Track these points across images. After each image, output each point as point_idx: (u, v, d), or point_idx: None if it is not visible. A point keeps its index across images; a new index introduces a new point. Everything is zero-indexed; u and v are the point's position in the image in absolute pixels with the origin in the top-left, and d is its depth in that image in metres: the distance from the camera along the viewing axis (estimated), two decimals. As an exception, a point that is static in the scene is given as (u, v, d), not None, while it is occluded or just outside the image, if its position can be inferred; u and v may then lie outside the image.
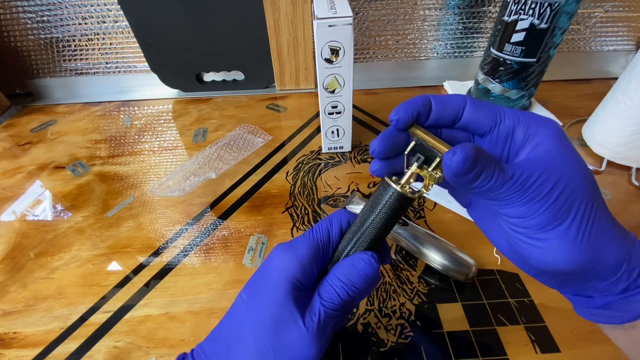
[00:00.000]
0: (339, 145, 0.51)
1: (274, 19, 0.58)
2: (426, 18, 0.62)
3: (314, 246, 0.21)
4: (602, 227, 0.17)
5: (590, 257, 0.17)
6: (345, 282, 0.20)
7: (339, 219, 0.23)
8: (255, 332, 0.20)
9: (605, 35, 0.64)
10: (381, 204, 0.20)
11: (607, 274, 0.17)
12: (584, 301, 0.19)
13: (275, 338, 0.19)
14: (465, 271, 0.33)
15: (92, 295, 0.35)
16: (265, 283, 0.21)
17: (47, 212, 0.45)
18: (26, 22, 0.62)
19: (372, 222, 0.21)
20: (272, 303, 0.20)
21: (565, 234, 0.16)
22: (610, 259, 0.17)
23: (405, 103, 0.20)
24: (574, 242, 0.16)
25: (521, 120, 0.18)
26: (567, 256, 0.17)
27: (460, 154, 0.16)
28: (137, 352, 0.31)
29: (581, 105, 0.58)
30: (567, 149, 0.17)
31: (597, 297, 0.19)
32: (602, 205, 0.17)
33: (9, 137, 0.59)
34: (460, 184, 0.17)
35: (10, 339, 0.32)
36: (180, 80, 0.68)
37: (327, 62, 0.41)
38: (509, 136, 0.19)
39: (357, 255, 0.21)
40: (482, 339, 0.30)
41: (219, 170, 0.49)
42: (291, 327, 0.19)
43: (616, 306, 0.18)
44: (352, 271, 0.21)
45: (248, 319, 0.20)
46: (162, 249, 0.39)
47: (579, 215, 0.16)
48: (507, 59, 0.49)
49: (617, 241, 0.17)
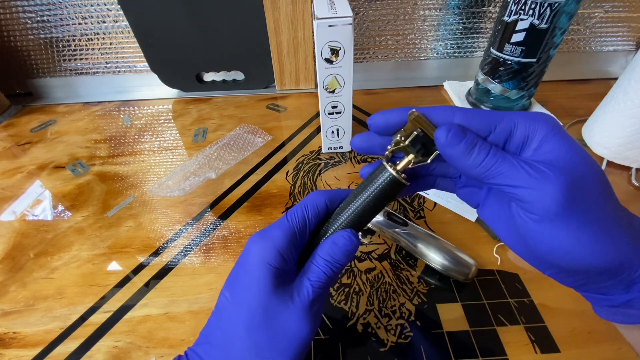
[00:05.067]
0: (339, 145, 0.51)
1: (274, 19, 0.58)
2: (426, 18, 0.62)
3: (289, 231, 0.22)
4: (620, 222, 0.16)
5: (611, 252, 0.16)
6: (329, 260, 0.21)
7: (314, 201, 0.23)
8: (247, 328, 0.20)
9: (605, 35, 0.64)
10: (374, 186, 0.21)
11: (625, 268, 0.16)
12: (603, 299, 0.19)
13: (269, 327, 0.20)
14: (465, 271, 0.33)
15: (92, 295, 0.35)
16: (246, 276, 0.21)
17: (47, 212, 0.45)
18: (26, 22, 0.62)
19: (362, 202, 0.21)
20: (257, 295, 0.20)
21: (583, 225, 0.16)
22: (631, 255, 0.16)
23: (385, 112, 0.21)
24: (593, 235, 0.16)
25: (517, 122, 0.18)
26: (584, 249, 0.16)
27: (443, 127, 0.18)
28: (137, 352, 0.31)
29: (581, 105, 0.58)
30: (572, 143, 0.17)
31: (617, 294, 0.18)
32: (617, 200, 0.17)
33: (9, 137, 0.59)
34: (456, 159, 0.18)
35: (10, 339, 0.32)
36: (180, 80, 0.68)
37: (327, 62, 0.41)
38: (507, 140, 0.18)
39: (338, 234, 0.22)
40: (482, 339, 0.30)
41: (219, 170, 0.49)
42: (282, 312, 0.20)
43: (637, 304, 0.17)
44: (334, 249, 0.21)
45: (237, 318, 0.20)
46: (162, 248, 0.39)
47: (597, 207, 0.16)
48: (507, 59, 0.49)
49: (636, 236, 0.16)
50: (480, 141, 0.18)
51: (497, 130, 0.18)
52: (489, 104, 0.56)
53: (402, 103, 0.62)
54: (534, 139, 0.17)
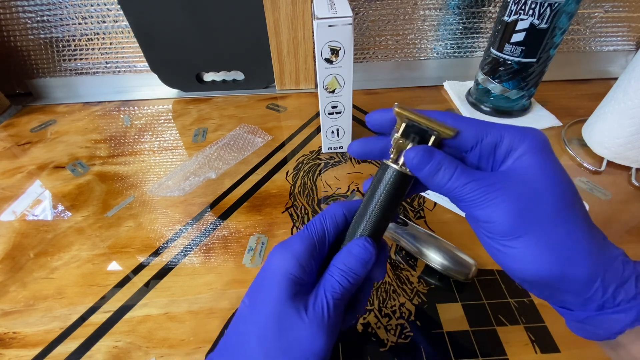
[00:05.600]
0: (339, 145, 0.51)
1: (274, 19, 0.58)
2: (426, 18, 0.62)
3: (309, 242, 0.21)
4: (574, 239, 0.17)
5: (558, 270, 0.17)
6: (344, 269, 0.21)
7: (332, 212, 0.23)
8: (258, 334, 0.20)
9: (605, 35, 0.64)
10: (382, 187, 0.21)
11: (579, 288, 0.17)
12: (567, 314, 0.19)
13: (281, 335, 0.19)
14: (465, 271, 0.33)
15: (92, 295, 0.35)
16: (264, 284, 0.21)
17: (47, 212, 0.45)
18: (26, 22, 0.62)
19: (374, 207, 0.21)
20: (273, 303, 0.20)
21: (530, 243, 0.17)
22: (581, 274, 0.17)
23: (381, 110, 0.21)
24: (539, 253, 0.17)
25: (504, 135, 0.18)
26: (532, 267, 0.17)
27: (411, 151, 0.19)
28: (136, 352, 0.31)
29: (581, 105, 0.58)
30: (545, 159, 0.18)
31: (576, 311, 0.18)
32: (579, 217, 0.17)
33: (9, 137, 0.59)
34: (424, 179, 0.19)
35: (10, 339, 0.32)
36: (180, 80, 0.68)
37: (327, 62, 0.41)
38: (492, 152, 0.19)
39: (353, 242, 0.21)
40: (482, 339, 0.30)
41: (219, 170, 0.49)
42: (295, 321, 0.19)
43: (594, 322, 0.18)
44: (349, 258, 0.21)
45: (251, 323, 0.20)
46: (162, 248, 0.39)
47: (546, 226, 0.17)
48: (507, 59, 0.49)
49: (591, 255, 0.17)
50: (445, 164, 0.19)
51: (486, 141, 0.19)
52: (489, 104, 0.56)
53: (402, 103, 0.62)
54: (515, 151, 0.18)
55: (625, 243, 0.37)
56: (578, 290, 0.17)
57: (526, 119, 0.55)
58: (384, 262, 0.24)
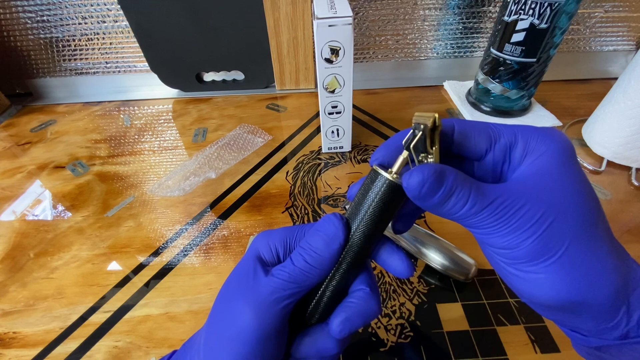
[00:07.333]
0: (339, 145, 0.51)
1: (274, 18, 0.58)
2: (426, 18, 0.62)
3: (287, 229, 0.21)
4: (600, 262, 0.15)
5: (582, 296, 0.15)
6: (304, 246, 0.18)
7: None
8: (216, 303, 0.20)
9: (605, 35, 0.64)
10: (370, 198, 0.18)
11: (600, 314, 0.15)
12: (580, 339, 0.18)
13: (227, 309, 0.18)
14: (465, 271, 0.33)
15: (92, 295, 0.35)
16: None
17: (47, 212, 0.45)
18: (26, 22, 0.62)
19: (361, 219, 0.18)
20: (238, 267, 0.20)
21: (554, 269, 0.15)
22: (606, 299, 0.15)
23: (383, 145, 0.19)
24: (562, 278, 0.15)
25: (518, 137, 0.16)
26: (553, 292, 0.15)
27: (417, 176, 0.15)
28: (137, 352, 0.31)
29: (581, 105, 0.58)
30: (567, 169, 0.15)
31: (592, 338, 0.17)
32: (604, 237, 0.15)
33: (9, 137, 0.59)
34: (428, 208, 0.16)
35: (10, 339, 0.32)
36: (180, 80, 0.68)
37: (327, 62, 0.41)
38: (506, 156, 0.17)
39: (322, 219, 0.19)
40: (482, 339, 0.30)
41: (219, 170, 0.49)
42: (236, 290, 0.19)
43: (613, 351, 0.16)
44: (311, 234, 0.19)
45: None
46: (162, 248, 0.39)
47: (571, 249, 0.15)
48: (507, 59, 0.49)
49: (617, 279, 0.15)
50: (458, 187, 0.15)
51: (497, 148, 0.17)
52: (489, 104, 0.56)
53: (402, 103, 0.62)
54: (530, 158, 0.16)
55: (626, 243, 0.37)
56: (599, 316, 0.15)
57: (526, 118, 0.55)
58: (377, 294, 0.20)
